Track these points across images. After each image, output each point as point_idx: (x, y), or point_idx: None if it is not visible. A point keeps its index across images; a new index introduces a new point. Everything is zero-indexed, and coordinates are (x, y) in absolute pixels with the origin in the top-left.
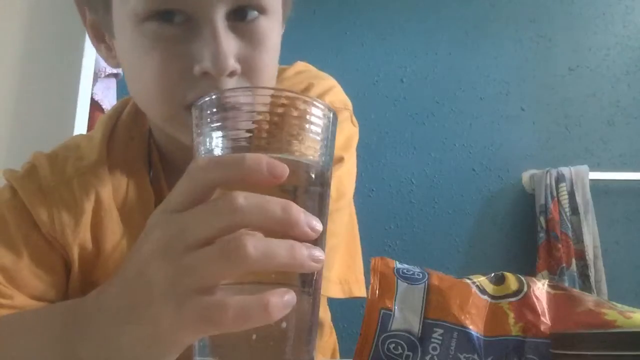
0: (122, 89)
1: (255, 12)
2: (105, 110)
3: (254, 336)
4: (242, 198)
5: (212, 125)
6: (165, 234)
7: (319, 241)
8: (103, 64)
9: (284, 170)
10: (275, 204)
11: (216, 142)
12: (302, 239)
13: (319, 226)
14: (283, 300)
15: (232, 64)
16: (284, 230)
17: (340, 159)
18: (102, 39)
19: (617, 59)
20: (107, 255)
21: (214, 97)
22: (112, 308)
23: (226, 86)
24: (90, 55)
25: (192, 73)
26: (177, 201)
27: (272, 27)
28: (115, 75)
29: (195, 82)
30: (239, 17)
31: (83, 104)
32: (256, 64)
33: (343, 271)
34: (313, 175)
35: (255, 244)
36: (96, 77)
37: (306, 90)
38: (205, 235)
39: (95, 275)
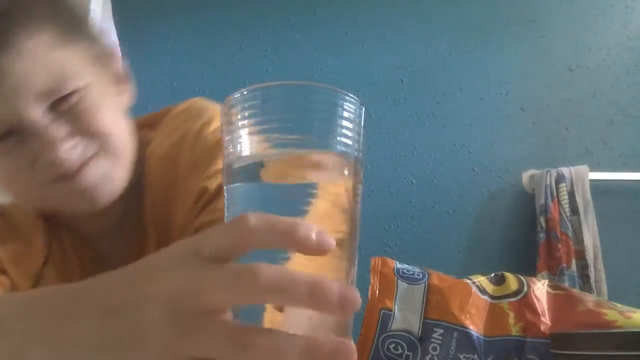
0: None
1: (72, 96)
2: None
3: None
4: (266, 270)
5: (242, 122)
6: (189, 278)
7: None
8: None
9: (333, 244)
10: (302, 284)
11: (246, 140)
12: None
13: (352, 306)
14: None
15: (65, 147)
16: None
17: None
18: None
19: (617, 59)
20: None
21: (245, 92)
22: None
23: (81, 159)
24: None
25: (40, 164)
26: (212, 250)
27: (92, 98)
28: None
29: (47, 168)
30: (61, 103)
31: None
32: (95, 130)
33: None
34: (346, 172)
35: (264, 341)
36: None
37: (185, 133)
38: (224, 303)
39: None
